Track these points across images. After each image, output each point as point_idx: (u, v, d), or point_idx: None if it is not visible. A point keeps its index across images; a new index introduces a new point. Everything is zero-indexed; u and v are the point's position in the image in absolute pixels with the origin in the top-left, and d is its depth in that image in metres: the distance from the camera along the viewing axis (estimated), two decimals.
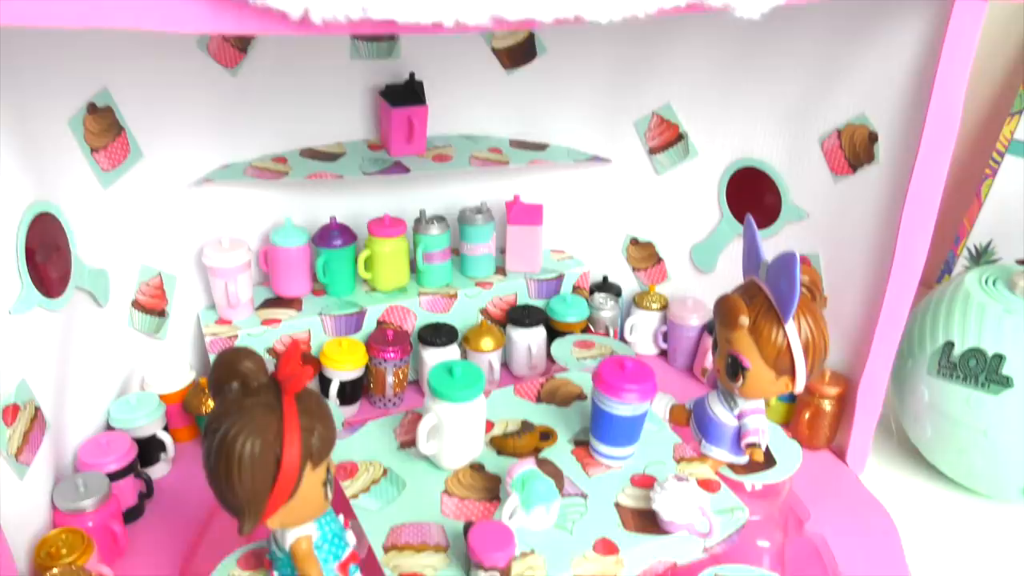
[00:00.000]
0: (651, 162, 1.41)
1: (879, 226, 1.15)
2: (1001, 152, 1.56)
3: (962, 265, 1.61)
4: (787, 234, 1.29)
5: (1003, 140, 1.55)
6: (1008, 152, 1.55)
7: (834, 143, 1.19)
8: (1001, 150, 1.56)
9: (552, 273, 1.44)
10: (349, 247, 1.31)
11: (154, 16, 0.69)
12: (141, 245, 1.20)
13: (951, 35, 0.98)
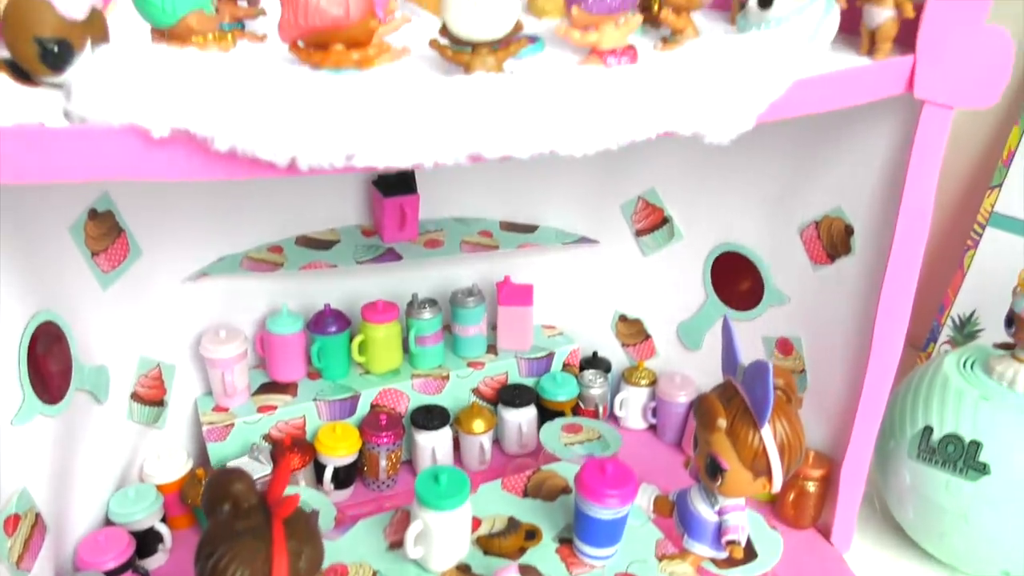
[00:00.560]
0: (637, 244, 1.44)
1: (858, 313, 1.19)
2: (982, 224, 1.59)
3: (946, 334, 1.64)
4: (770, 316, 1.32)
5: (984, 212, 1.59)
6: (989, 224, 1.58)
7: (812, 233, 1.22)
8: (982, 222, 1.59)
9: (542, 351, 1.47)
10: (343, 333, 1.35)
11: (152, 168, 0.72)
12: (140, 338, 1.23)
13: (919, 140, 1.02)
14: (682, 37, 0.97)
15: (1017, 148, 1.55)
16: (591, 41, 0.89)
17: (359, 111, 0.73)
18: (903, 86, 0.98)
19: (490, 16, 0.80)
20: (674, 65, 0.85)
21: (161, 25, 0.78)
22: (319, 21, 0.78)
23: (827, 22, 0.92)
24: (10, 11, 0.68)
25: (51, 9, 0.68)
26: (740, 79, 0.85)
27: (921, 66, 0.96)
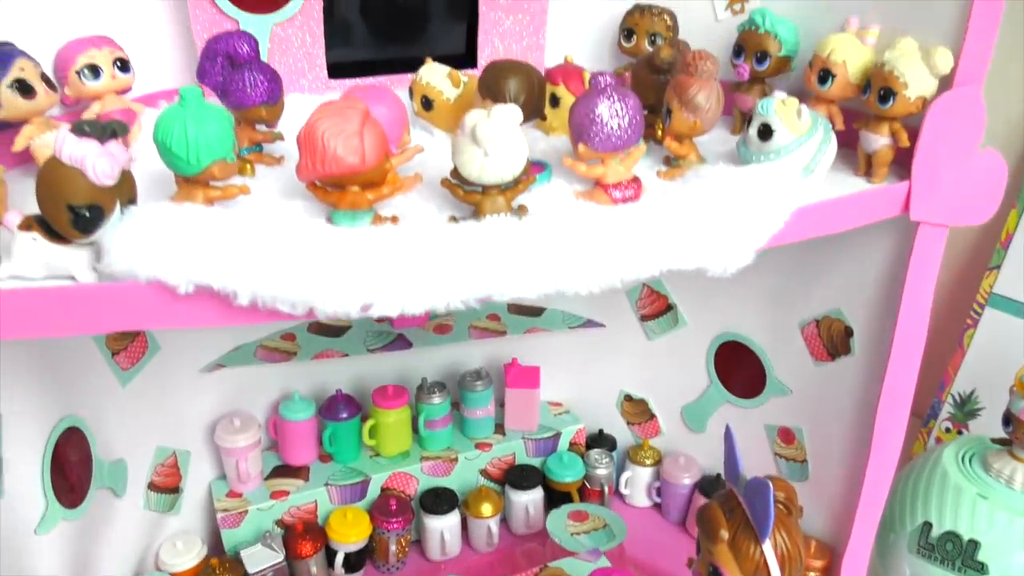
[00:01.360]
0: (643, 328, 1.48)
1: (859, 409, 1.21)
2: (982, 304, 1.61)
3: (947, 411, 1.66)
4: (772, 405, 1.35)
5: (983, 293, 1.61)
6: (988, 305, 1.61)
7: (813, 331, 1.25)
8: (982, 302, 1.62)
9: (549, 431, 1.50)
10: (354, 419, 1.38)
11: (177, 319, 0.76)
12: (156, 428, 1.27)
13: (916, 256, 1.05)
14: (685, 163, 1.00)
15: (1015, 231, 1.57)
16: (596, 174, 0.93)
17: (373, 264, 0.77)
18: (899, 209, 1.01)
19: (500, 165, 0.83)
20: (676, 203, 0.88)
21: (185, 175, 0.82)
22: (336, 169, 0.82)
23: (825, 153, 0.95)
24: (44, 178, 0.72)
25: (83, 177, 0.71)
26: (740, 216, 0.88)
27: (916, 191, 1.00)
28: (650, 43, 1.19)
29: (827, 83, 1.03)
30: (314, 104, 1.02)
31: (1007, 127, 1.56)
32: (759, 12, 1.11)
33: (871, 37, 1.02)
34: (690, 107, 0.96)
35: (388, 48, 1.23)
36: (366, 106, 0.84)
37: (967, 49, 0.94)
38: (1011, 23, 0.93)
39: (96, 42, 1.00)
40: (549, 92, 1.07)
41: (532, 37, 1.23)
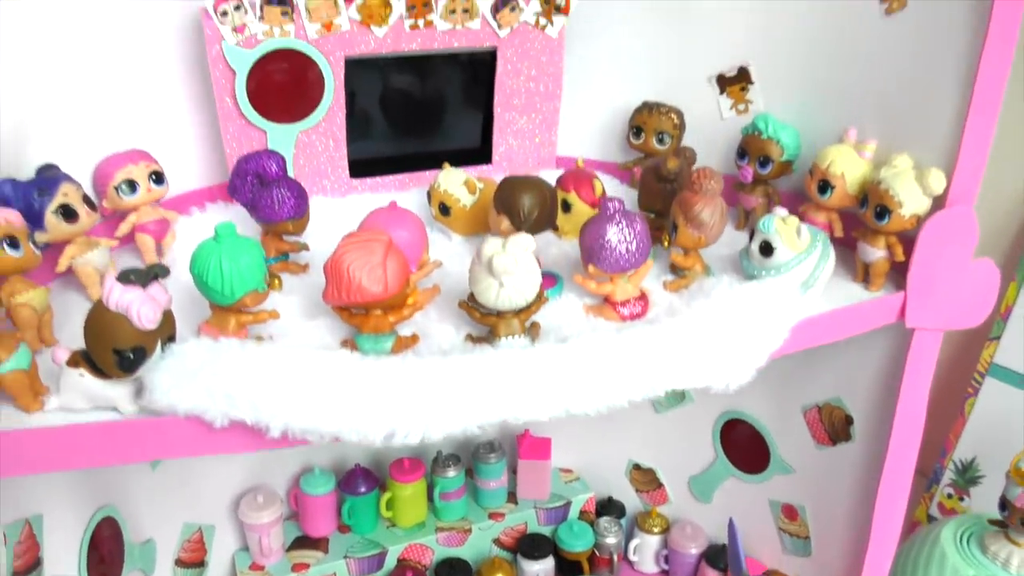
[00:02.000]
0: (651, 402, 1.52)
1: (859, 491, 1.26)
2: (982, 373, 1.65)
3: (949, 478, 1.70)
4: (776, 483, 1.39)
5: (984, 363, 1.65)
6: (988, 374, 1.65)
7: (815, 416, 1.30)
8: (982, 371, 1.66)
9: (560, 500, 1.54)
10: (372, 492, 1.43)
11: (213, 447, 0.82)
12: (183, 506, 1.32)
13: (912, 357, 1.10)
14: (690, 273, 1.05)
15: (1015, 303, 1.61)
16: (606, 291, 0.98)
17: (396, 395, 0.82)
18: (895, 316, 1.06)
19: (515, 294, 0.88)
20: (680, 324, 0.93)
21: (220, 304, 0.87)
22: (360, 298, 0.87)
23: (824, 269, 1.00)
24: (92, 323, 0.78)
25: (128, 323, 0.77)
26: (742, 337, 0.93)
27: (911, 302, 1.04)
28: (658, 141, 1.24)
29: (827, 193, 1.08)
30: (337, 207, 1.08)
31: (1007, 197, 1.60)
32: (762, 118, 1.16)
33: (868, 151, 1.06)
34: (695, 223, 1.01)
35: (407, 142, 1.29)
36: (388, 237, 0.89)
37: (959, 170, 0.99)
38: (1017, 83, 0.96)
39: (133, 157, 1.05)
40: (561, 198, 1.12)
41: (545, 134, 1.28)
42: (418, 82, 1.23)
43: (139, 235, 1.06)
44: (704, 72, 1.25)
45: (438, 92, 1.26)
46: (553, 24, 1.19)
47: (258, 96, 1.10)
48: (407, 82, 1.23)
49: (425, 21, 1.12)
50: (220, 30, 1.05)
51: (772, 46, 1.18)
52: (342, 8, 1.08)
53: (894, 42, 1.04)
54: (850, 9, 1.08)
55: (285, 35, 1.08)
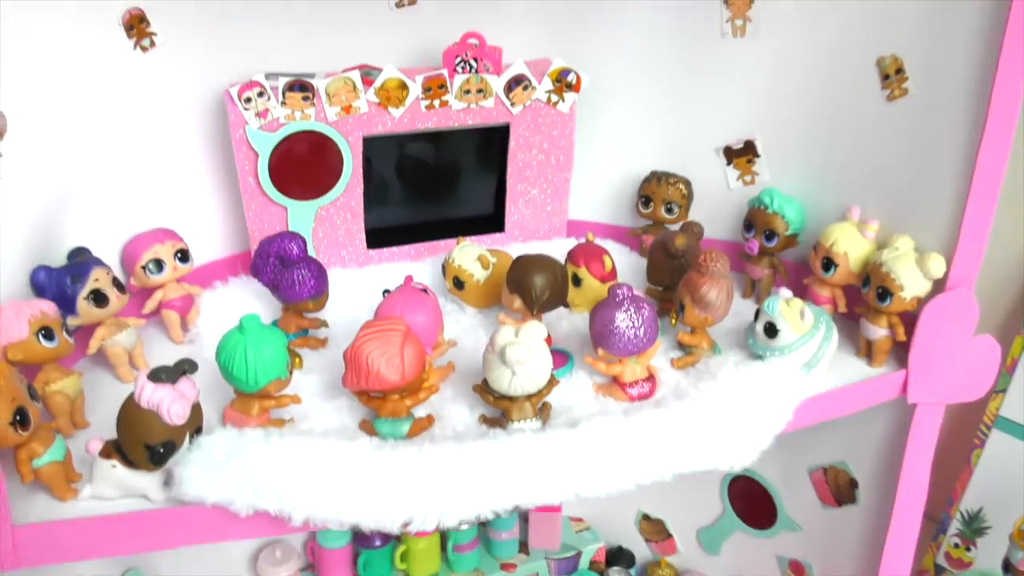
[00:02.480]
0: None
1: (865, 552, 1.28)
2: (988, 425, 1.68)
3: (956, 527, 1.72)
4: (782, 539, 1.42)
5: (990, 414, 1.67)
6: (994, 426, 1.67)
7: (821, 477, 1.32)
8: (988, 423, 1.68)
9: (571, 551, 1.57)
10: (387, 546, 1.46)
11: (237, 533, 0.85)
12: (204, 560, 1.36)
13: (915, 429, 1.13)
14: (697, 351, 1.08)
15: (1020, 357, 1.64)
16: (615, 372, 1.01)
17: (412, 484, 0.86)
18: (897, 392, 1.09)
19: (527, 382, 0.92)
20: (686, 408, 0.97)
21: (244, 392, 0.91)
22: (378, 386, 0.91)
23: (827, 349, 1.03)
24: (124, 419, 0.82)
25: (159, 420, 0.81)
26: (746, 420, 0.97)
27: (913, 379, 1.07)
28: (666, 210, 1.28)
29: (830, 271, 1.11)
30: (355, 278, 1.12)
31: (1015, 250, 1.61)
32: (767, 193, 1.19)
33: (871, 232, 1.09)
34: (701, 304, 1.04)
35: (422, 210, 1.32)
36: (406, 326, 0.93)
37: (959, 255, 1.02)
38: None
39: (159, 236, 1.10)
40: (572, 272, 1.16)
41: (556, 203, 1.32)
42: (433, 152, 1.27)
43: (165, 311, 1.10)
44: (711, 143, 1.29)
45: (452, 162, 1.30)
46: (564, 100, 1.22)
47: (279, 174, 1.14)
48: (422, 152, 1.27)
49: (440, 101, 1.16)
50: (244, 115, 1.09)
51: (777, 122, 1.22)
52: (361, 92, 1.12)
53: (896, 127, 1.08)
54: (853, 92, 1.11)
55: (306, 118, 1.12)
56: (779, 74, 1.19)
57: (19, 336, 0.88)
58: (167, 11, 1.09)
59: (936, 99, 1.02)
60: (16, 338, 0.88)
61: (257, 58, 1.17)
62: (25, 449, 0.81)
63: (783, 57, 1.17)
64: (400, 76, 1.12)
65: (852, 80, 1.11)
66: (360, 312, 1.14)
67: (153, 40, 1.09)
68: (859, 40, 1.09)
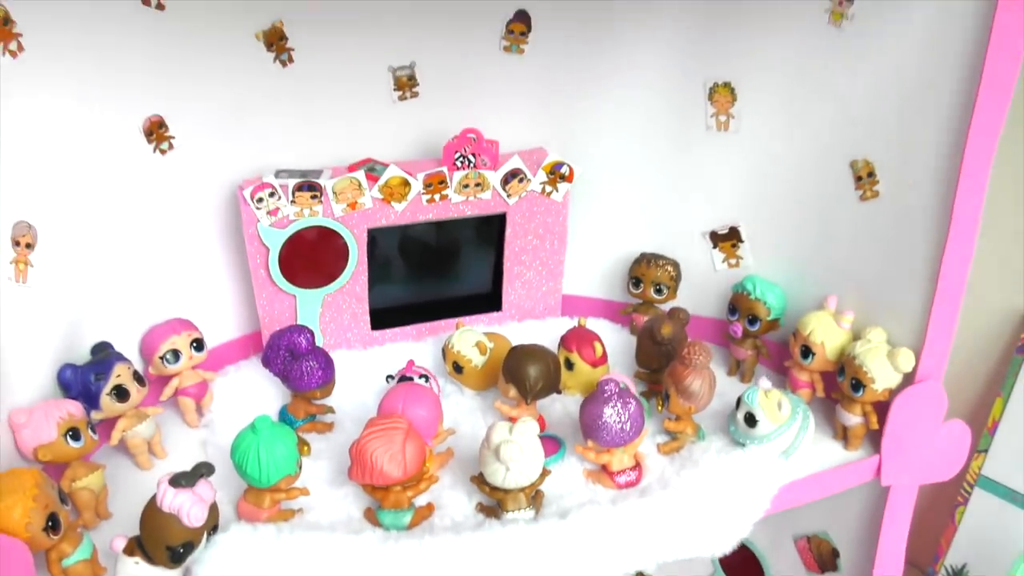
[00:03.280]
0: None
1: None
2: (971, 484, 1.74)
3: None
4: None
5: (973, 473, 1.73)
6: (977, 485, 1.73)
7: (805, 545, 1.39)
8: (971, 482, 1.74)
9: None
10: None
11: None
12: None
13: (889, 507, 1.19)
14: (683, 436, 1.15)
15: (1000, 418, 1.70)
16: (603, 461, 1.08)
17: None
18: (872, 475, 1.15)
19: (520, 477, 0.99)
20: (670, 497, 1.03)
21: (257, 487, 0.98)
22: (382, 481, 0.98)
23: (804, 438, 1.10)
24: (145, 521, 0.88)
25: (179, 523, 0.87)
26: (727, 508, 1.03)
27: (886, 463, 1.14)
28: (656, 291, 1.35)
29: (808, 358, 1.18)
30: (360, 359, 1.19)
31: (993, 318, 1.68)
32: (750, 280, 1.26)
33: (846, 323, 1.16)
34: (686, 395, 1.10)
35: (423, 289, 1.40)
36: (408, 423, 1.00)
37: (927, 350, 1.09)
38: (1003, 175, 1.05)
39: (176, 327, 1.17)
40: (564, 357, 1.22)
41: (550, 283, 1.39)
42: (434, 235, 1.34)
43: (181, 398, 1.17)
44: (698, 227, 1.35)
45: (452, 244, 1.37)
46: (558, 190, 1.30)
47: (289, 266, 1.22)
48: (423, 235, 1.34)
49: (441, 195, 1.24)
50: (256, 213, 1.17)
51: (760, 210, 1.29)
52: (365, 189, 1.19)
53: (868, 225, 1.14)
54: (830, 190, 1.18)
55: (314, 215, 1.19)
56: (761, 167, 1.25)
57: (48, 438, 0.95)
58: (184, 116, 1.16)
59: (905, 203, 1.09)
60: (46, 440, 0.95)
61: (268, 153, 1.25)
62: (56, 550, 0.88)
63: (764, 152, 1.24)
64: (403, 174, 1.19)
65: (828, 178, 1.17)
66: (365, 395, 1.22)
67: (171, 143, 1.16)
68: (834, 142, 1.16)
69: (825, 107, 1.16)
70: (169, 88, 1.13)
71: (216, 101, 1.18)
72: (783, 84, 1.19)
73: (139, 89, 1.10)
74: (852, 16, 1.09)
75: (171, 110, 1.15)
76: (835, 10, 1.11)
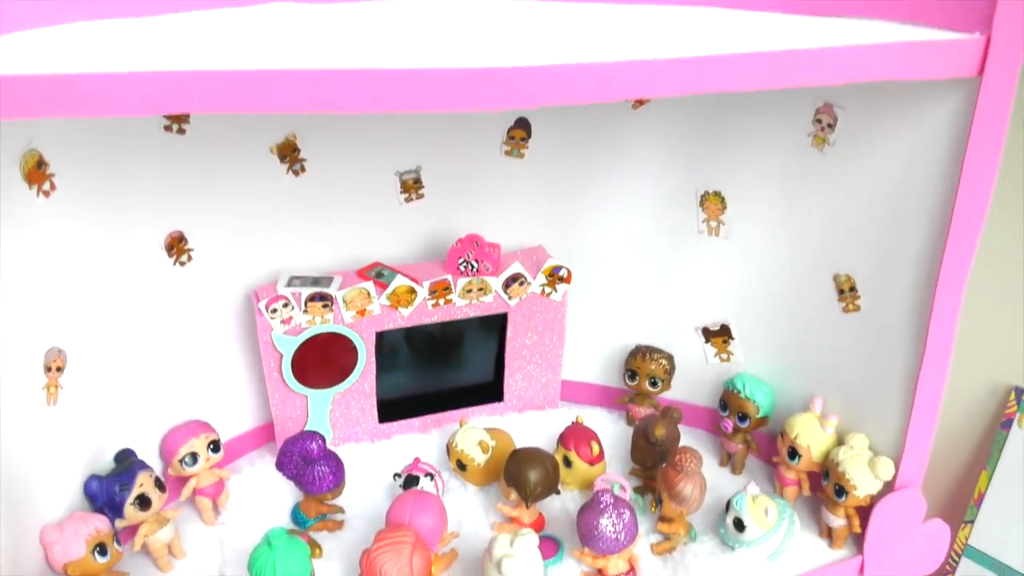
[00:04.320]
0: None
1: None
2: (959, 553, 1.79)
3: None
4: None
5: (959, 544, 1.79)
6: (964, 555, 1.78)
7: None
8: (959, 551, 1.79)
9: None
10: None
11: None
12: None
13: None
14: (675, 537, 1.21)
15: (986, 491, 1.76)
16: (600, 566, 1.14)
17: None
18: (855, 574, 1.21)
19: None
20: None
21: None
22: None
23: (790, 542, 1.16)
24: None
25: None
26: None
27: (869, 564, 1.20)
28: (651, 384, 1.41)
29: (795, 460, 1.24)
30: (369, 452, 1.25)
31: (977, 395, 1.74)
32: (740, 379, 1.32)
33: (830, 427, 1.22)
34: (678, 499, 1.17)
35: (429, 379, 1.46)
36: (415, 536, 1.06)
37: (906, 458, 1.15)
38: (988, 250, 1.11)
39: (194, 430, 1.23)
40: (562, 455, 1.29)
41: (550, 375, 1.45)
42: (438, 328, 1.41)
43: (198, 497, 1.23)
44: (691, 323, 1.42)
45: (455, 336, 1.43)
46: (557, 291, 1.36)
47: (301, 369, 1.28)
48: (428, 329, 1.40)
49: (445, 300, 1.30)
50: (270, 322, 1.23)
51: (749, 310, 1.35)
52: (374, 298, 1.26)
53: (851, 336, 1.21)
54: (814, 299, 1.24)
55: (325, 322, 1.26)
56: (749, 272, 1.32)
57: (78, 555, 1.01)
58: (202, 229, 1.23)
59: (885, 319, 1.15)
60: (75, 557, 1.01)
61: (281, 257, 1.32)
62: None
63: (752, 258, 1.31)
64: (409, 283, 1.26)
65: (813, 289, 1.24)
66: (374, 491, 1.28)
67: (190, 255, 1.22)
68: (818, 255, 1.22)
69: (809, 221, 1.23)
70: (189, 204, 1.20)
71: (233, 213, 1.25)
72: (770, 197, 1.26)
73: (161, 208, 1.17)
74: (834, 142, 1.16)
75: (190, 224, 1.21)
76: (818, 135, 1.17)
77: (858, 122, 1.12)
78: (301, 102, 0.75)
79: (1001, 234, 1.29)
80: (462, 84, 0.77)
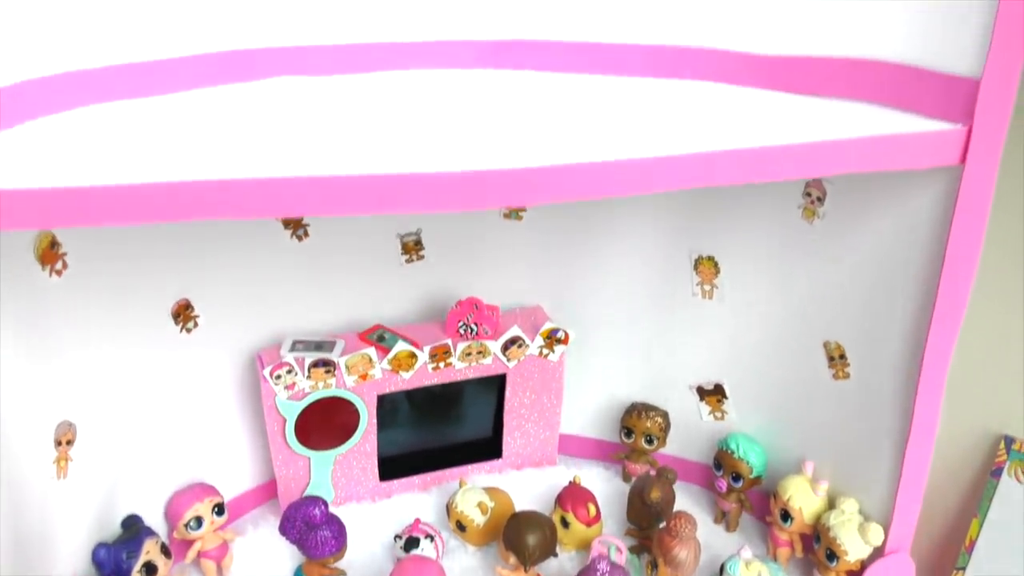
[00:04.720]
0: None
1: None
2: None
3: None
4: None
5: None
6: None
7: None
8: None
9: None
10: None
11: None
12: None
13: None
14: None
15: (977, 538, 1.78)
16: None
17: None
18: None
19: None
20: None
21: None
22: None
23: None
24: None
25: None
26: None
27: None
28: (647, 442, 1.44)
29: (788, 522, 1.27)
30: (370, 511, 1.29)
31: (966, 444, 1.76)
32: (733, 439, 1.35)
33: (821, 491, 1.25)
34: (673, 564, 1.19)
35: (429, 435, 1.49)
36: None
37: (894, 525, 1.17)
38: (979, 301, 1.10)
39: (199, 494, 1.26)
40: (559, 516, 1.31)
41: (547, 433, 1.48)
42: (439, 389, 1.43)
43: (203, 560, 1.26)
44: (686, 381, 1.45)
45: (455, 394, 1.46)
46: (554, 352, 1.39)
47: (303, 431, 1.31)
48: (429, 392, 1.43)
49: (445, 363, 1.33)
50: (274, 388, 1.26)
51: (742, 372, 1.38)
52: (376, 363, 1.29)
53: (841, 403, 1.24)
54: (805, 366, 1.27)
55: (328, 387, 1.29)
56: (742, 335, 1.35)
57: None
58: (208, 296, 1.26)
59: (873, 388, 1.18)
60: None
61: (284, 320, 1.35)
62: None
63: (745, 323, 1.34)
64: (410, 348, 1.29)
65: (803, 355, 1.27)
66: (375, 550, 1.31)
67: (196, 321, 1.25)
68: (808, 323, 1.25)
69: (800, 289, 1.26)
70: (195, 273, 1.23)
71: (238, 280, 1.28)
72: (762, 264, 1.29)
73: (169, 279, 1.20)
74: (823, 215, 1.19)
75: (197, 292, 1.25)
76: (807, 207, 1.21)
77: (846, 197, 1.15)
78: (307, 207, 0.78)
79: (990, 284, 1.32)
80: (460, 187, 0.80)
